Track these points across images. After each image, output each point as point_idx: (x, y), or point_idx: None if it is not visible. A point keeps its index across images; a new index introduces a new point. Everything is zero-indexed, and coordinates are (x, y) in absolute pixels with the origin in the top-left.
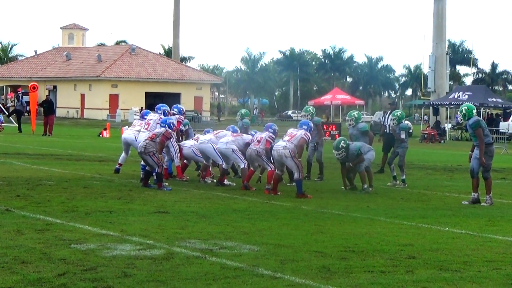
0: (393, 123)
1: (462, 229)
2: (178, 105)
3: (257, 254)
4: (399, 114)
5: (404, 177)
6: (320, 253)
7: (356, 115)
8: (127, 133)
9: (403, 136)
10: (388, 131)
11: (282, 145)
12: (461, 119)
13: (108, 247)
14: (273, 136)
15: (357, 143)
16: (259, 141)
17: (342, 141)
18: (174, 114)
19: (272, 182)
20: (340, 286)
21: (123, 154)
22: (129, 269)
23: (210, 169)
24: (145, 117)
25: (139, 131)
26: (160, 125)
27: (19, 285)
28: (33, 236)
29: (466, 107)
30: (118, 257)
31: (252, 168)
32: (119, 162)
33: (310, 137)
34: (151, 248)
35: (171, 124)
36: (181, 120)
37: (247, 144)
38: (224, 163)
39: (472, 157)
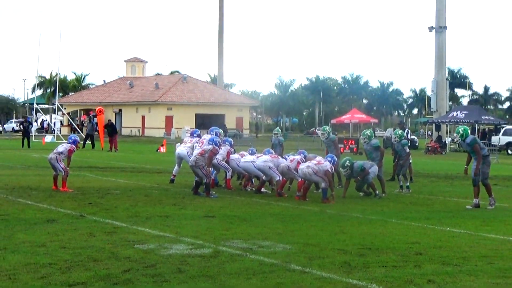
0: (395, 141)
1: (461, 229)
2: (229, 139)
3: (289, 252)
4: (400, 133)
5: (407, 184)
6: (342, 250)
7: (369, 134)
8: (180, 149)
9: (407, 150)
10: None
11: (305, 165)
12: (458, 139)
13: (165, 246)
14: (304, 160)
15: (359, 162)
16: (291, 161)
17: (347, 161)
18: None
19: (302, 190)
20: (359, 279)
21: (176, 167)
22: (183, 265)
23: (253, 180)
24: (194, 135)
25: (190, 147)
26: (208, 143)
27: (91, 281)
28: (103, 238)
29: (462, 129)
30: (173, 255)
31: (284, 178)
32: (173, 173)
33: (333, 170)
34: (201, 248)
35: (218, 143)
36: (230, 152)
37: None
38: (264, 176)
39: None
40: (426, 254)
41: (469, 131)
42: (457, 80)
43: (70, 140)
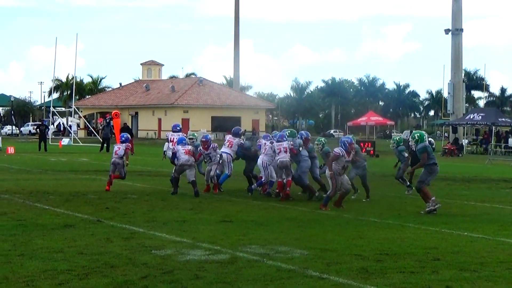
0: (393, 146)
1: (479, 234)
2: (208, 135)
3: (307, 258)
4: (397, 139)
5: (408, 183)
6: (360, 256)
7: (324, 141)
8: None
9: (406, 155)
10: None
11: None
12: (413, 144)
13: (183, 252)
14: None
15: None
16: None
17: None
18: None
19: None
20: (377, 285)
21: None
22: (200, 271)
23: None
24: (177, 128)
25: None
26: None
27: (109, 287)
28: (120, 243)
29: (418, 134)
30: (191, 261)
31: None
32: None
33: (342, 153)
34: (218, 253)
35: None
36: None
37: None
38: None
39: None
40: (444, 259)
41: (425, 137)
42: (474, 82)
43: (123, 139)
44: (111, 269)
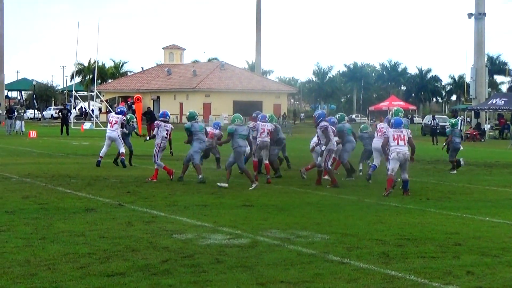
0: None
1: (501, 219)
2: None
3: (327, 242)
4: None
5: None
6: (380, 241)
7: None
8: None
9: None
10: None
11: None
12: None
13: (203, 236)
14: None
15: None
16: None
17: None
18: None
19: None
20: (398, 270)
21: (105, 148)
22: (221, 256)
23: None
24: (119, 110)
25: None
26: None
27: (130, 271)
28: (141, 227)
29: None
30: (211, 245)
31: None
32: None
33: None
34: (239, 237)
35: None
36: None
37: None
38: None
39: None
40: (465, 244)
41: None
42: (496, 67)
43: (217, 126)
44: (132, 253)
